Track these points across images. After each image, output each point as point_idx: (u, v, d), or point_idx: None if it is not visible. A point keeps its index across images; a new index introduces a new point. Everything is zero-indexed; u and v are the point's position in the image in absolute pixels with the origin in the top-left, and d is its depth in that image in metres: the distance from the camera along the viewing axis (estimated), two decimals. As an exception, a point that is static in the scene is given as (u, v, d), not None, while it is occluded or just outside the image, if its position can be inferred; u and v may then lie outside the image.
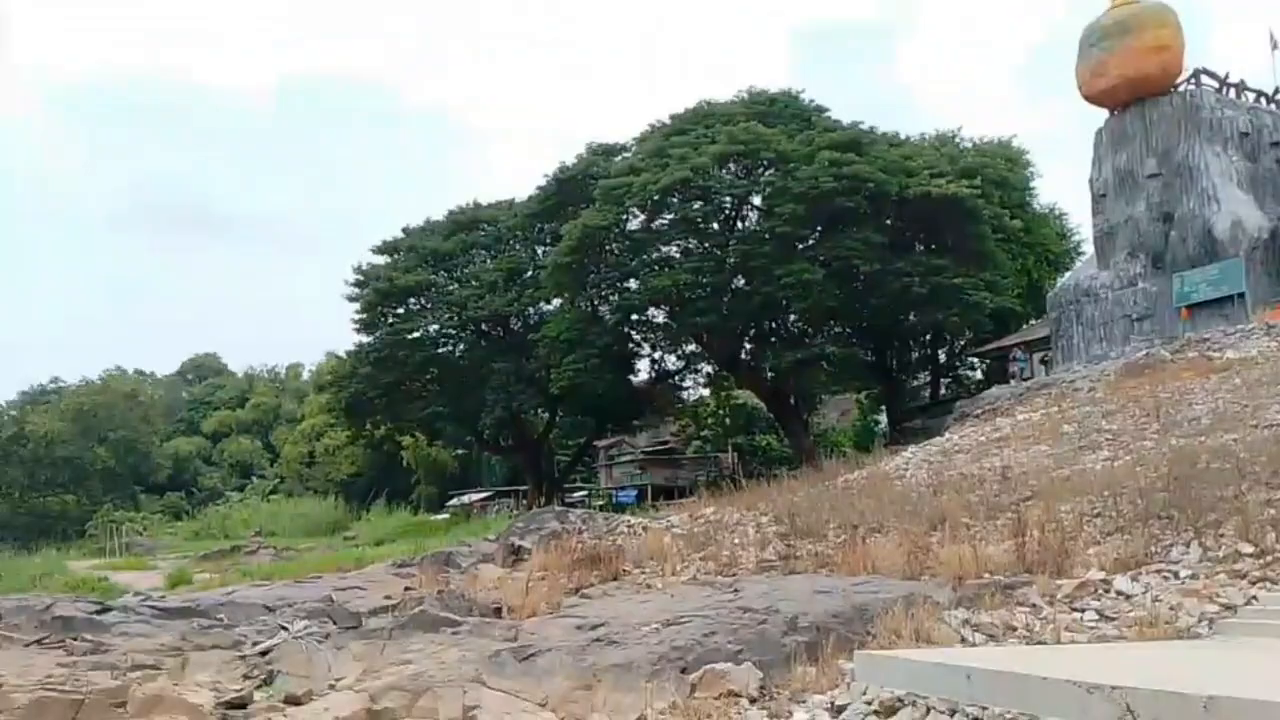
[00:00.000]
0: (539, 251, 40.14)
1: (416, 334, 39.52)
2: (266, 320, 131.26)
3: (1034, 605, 9.41)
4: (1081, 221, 38.76)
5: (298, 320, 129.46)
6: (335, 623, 12.59)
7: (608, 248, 34.88)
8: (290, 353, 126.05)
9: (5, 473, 50.47)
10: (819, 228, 32.13)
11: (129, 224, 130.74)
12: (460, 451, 49.46)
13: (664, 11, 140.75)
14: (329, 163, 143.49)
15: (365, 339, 40.18)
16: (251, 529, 41.27)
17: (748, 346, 35.72)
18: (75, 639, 11.76)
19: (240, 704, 9.84)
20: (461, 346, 40.55)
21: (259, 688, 10.47)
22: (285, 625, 12.49)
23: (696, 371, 40.21)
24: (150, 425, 57.99)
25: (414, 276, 38.84)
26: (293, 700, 9.68)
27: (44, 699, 9.22)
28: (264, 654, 11.45)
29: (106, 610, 12.99)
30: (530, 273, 39.23)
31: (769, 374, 34.42)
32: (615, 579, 15.20)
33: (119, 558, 33.91)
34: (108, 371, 63.78)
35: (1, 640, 11.61)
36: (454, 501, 43.49)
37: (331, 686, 10.17)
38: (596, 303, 36.15)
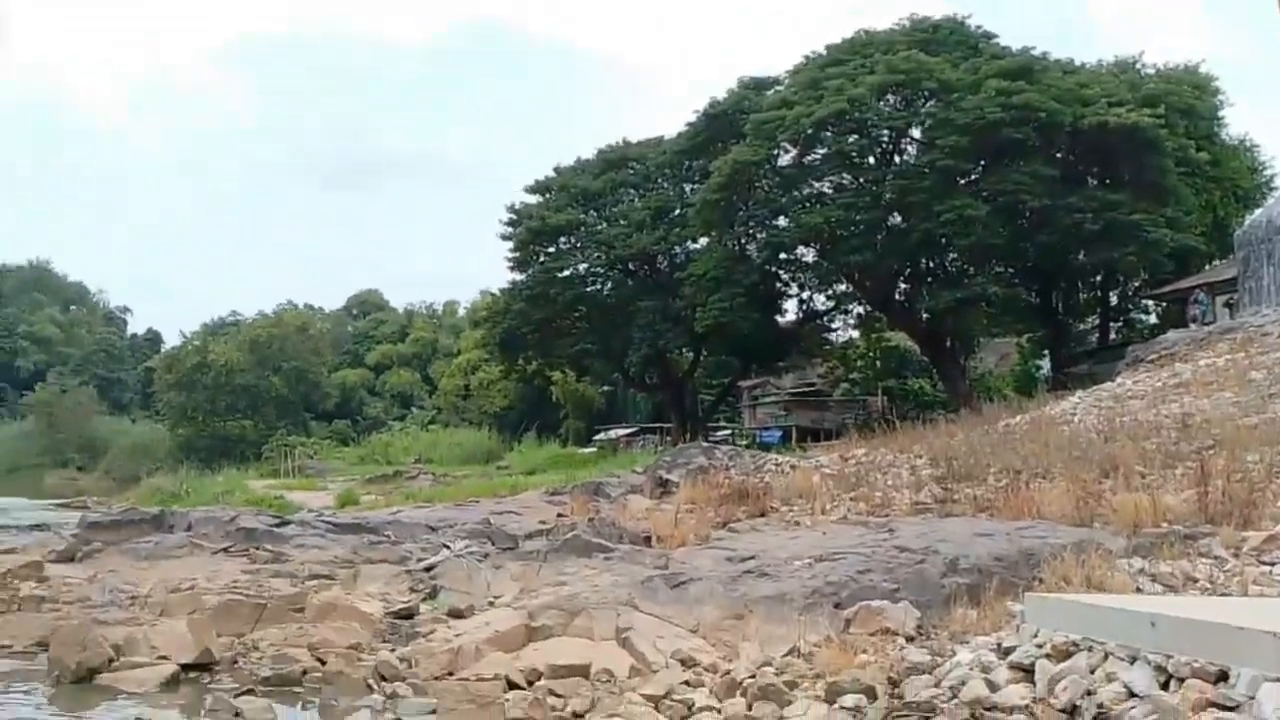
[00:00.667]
0: (687, 189, 39.76)
1: (566, 272, 40.02)
2: (425, 259, 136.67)
3: (1217, 557, 8.79)
4: (1276, 154, 35.43)
5: (455, 259, 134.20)
6: (494, 543, 13.04)
7: (757, 184, 34.19)
8: (447, 290, 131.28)
9: (190, 399, 54.51)
10: (983, 161, 30.49)
11: (300, 169, 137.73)
12: (607, 388, 50.25)
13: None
14: (487, 106, 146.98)
15: (518, 277, 41.02)
16: (411, 456, 43.26)
17: (902, 286, 34.51)
18: (258, 548, 12.63)
19: (407, 614, 10.35)
20: (609, 285, 40.83)
21: (424, 600, 10.97)
22: (447, 544, 13.03)
23: (846, 312, 39.19)
24: (319, 357, 61.35)
25: (564, 215, 39.26)
26: (455, 613, 10.10)
27: (231, 602, 9.91)
28: (428, 570, 11.99)
29: (285, 524, 13.88)
30: (678, 211, 38.96)
31: (924, 315, 33.21)
32: (763, 515, 15.12)
33: (292, 479, 36.21)
34: (281, 306, 67.69)
35: (193, 548, 12.58)
36: (600, 436, 44.30)
37: (490, 603, 10.54)
38: (744, 241, 35.58)
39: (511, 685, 7.62)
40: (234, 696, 7.54)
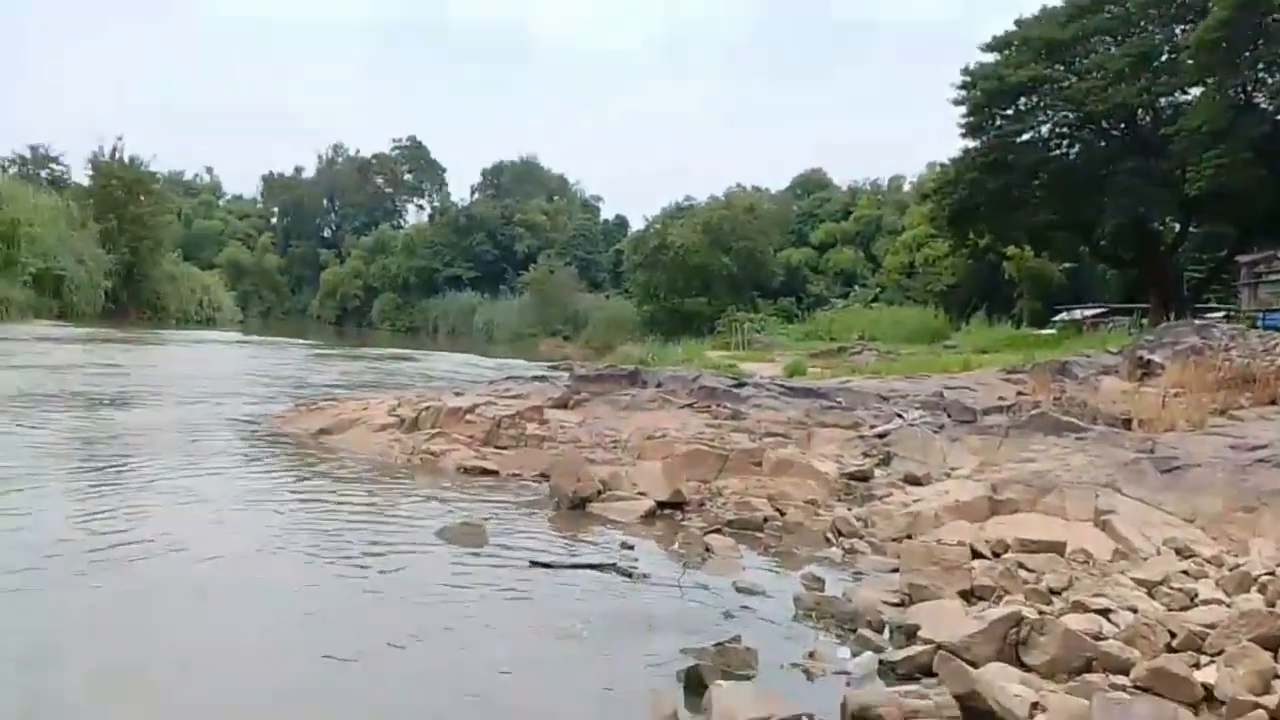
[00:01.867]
0: (1177, 31, 34.20)
1: (1026, 135, 36.68)
2: (868, 134, 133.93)
3: None
4: None
5: (900, 133, 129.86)
6: (949, 415, 12.55)
7: (1271, 18, 28.39)
8: (891, 165, 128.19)
9: (653, 278, 59.16)
10: None
11: (753, 52, 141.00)
12: (1068, 264, 45.93)
13: None
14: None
15: (971, 144, 38.41)
16: (855, 333, 43.27)
17: None
18: (718, 406, 13.35)
19: (862, 477, 10.33)
20: (1077, 147, 36.78)
21: (877, 465, 10.89)
22: (900, 413, 12.79)
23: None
24: (766, 237, 63.10)
25: (1026, 72, 35.71)
26: (912, 480, 9.89)
27: (698, 450, 10.55)
28: (881, 436, 11.87)
29: (742, 385, 14.51)
30: (1164, 57, 33.72)
31: None
32: (1273, 403, 12.96)
33: (742, 351, 38.08)
34: (730, 190, 70.35)
35: (662, 402, 13.61)
36: (1060, 317, 40.72)
37: (947, 474, 10.17)
38: (1250, 87, 29.93)
39: (975, 555, 7.27)
40: (703, 534, 8.05)
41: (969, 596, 6.30)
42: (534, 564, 6.84)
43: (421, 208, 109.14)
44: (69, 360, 23.00)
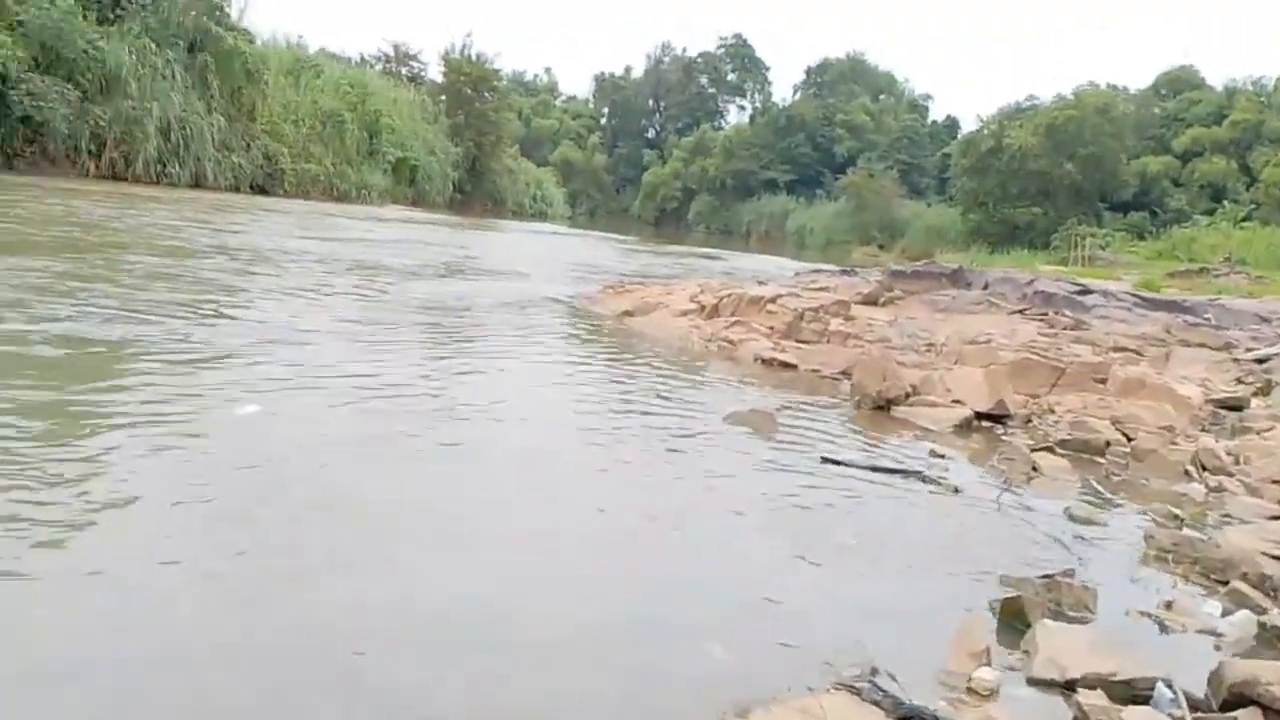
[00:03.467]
0: None
1: None
2: (1252, 24, 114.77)
3: None
4: None
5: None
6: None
7: None
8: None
9: (982, 184, 54.75)
10: None
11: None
12: None
13: None
14: None
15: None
16: (1219, 255, 37.64)
17: None
18: (1056, 313, 11.77)
19: (1234, 405, 8.63)
20: None
21: (1255, 395, 9.06)
22: (1288, 336, 10.61)
23: None
24: (1119, 142, 56.13)
25: None
26: (1304, 414, 8.08)
27: (1028, 360, 9.29)
28: (1260, 362, 9.89)
29: (1087, 293, 12.72)
30: None
31: None
32: None
33: (1081, 267, 34.36)
34: (1080, 87, 63.05)
35: (989, 305, 12.23)
36: None
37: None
38: None
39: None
40: (1030, 451, 6.97)
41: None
42: (825, 460, 6.16)
43: (743, 108, 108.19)
44: (424, 239, 25.10)
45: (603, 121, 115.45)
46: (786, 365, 9.98)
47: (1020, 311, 11.81)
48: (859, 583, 4.35)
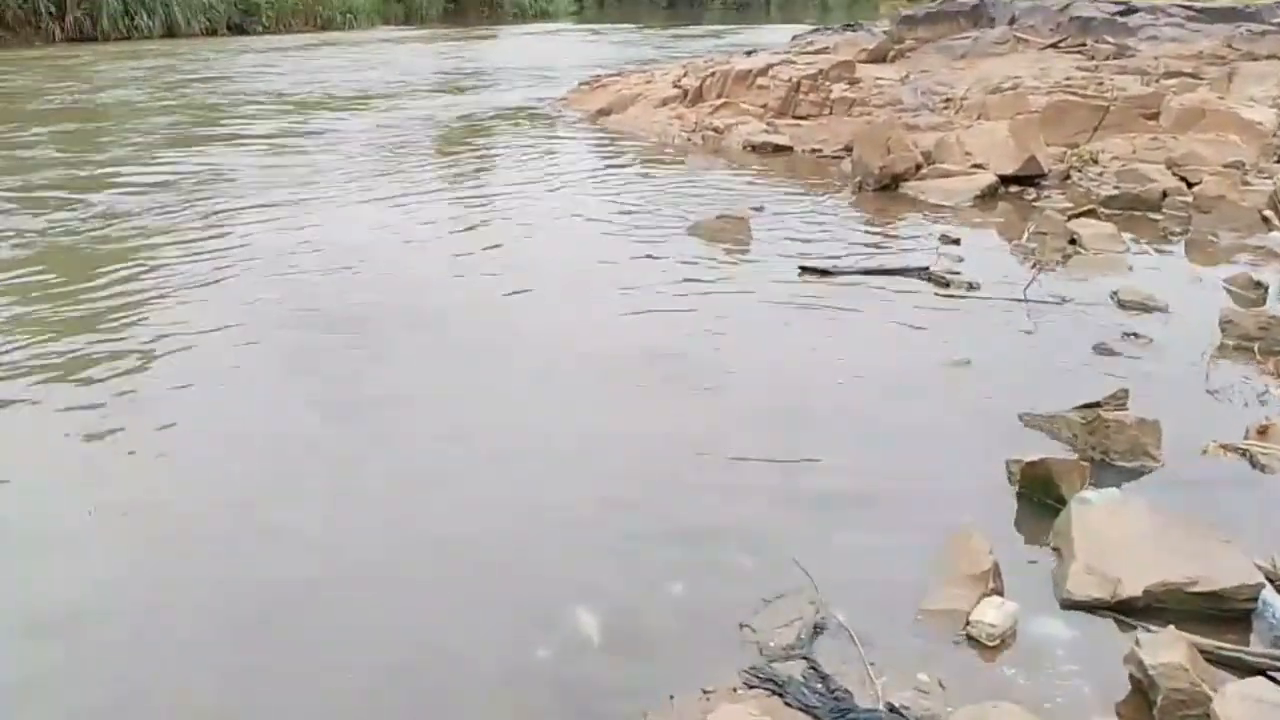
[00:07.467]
0: None
1: None
2: None
3: None
4: None
5: None
6: None
7: None
8: None
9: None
10: None
11: None
12: None
13: None
14: None
15: None
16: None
17: None
18: (1096, 42, 10.01)
19: (1321, 125, 7.08)
20: None
21: (1345, 108, 7.46)
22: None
23: None
24: None
25: None
26: None
27: (1063, 103, 7.79)
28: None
29: (1131, 12, 10.80)
30: None
31: None
32: None
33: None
34: None
35: (1016, 43, 10.48)
36: None
37: None
38: None
39: None
40: (1068, 218, 5.65)
41: None
42: (804, 270, 4.93)
43: None
44: (408, 59, 23.21)
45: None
46: (779, 149, 8.57)
47: (1054, 45, 10.04)
48: (808, 451, 3.13)
